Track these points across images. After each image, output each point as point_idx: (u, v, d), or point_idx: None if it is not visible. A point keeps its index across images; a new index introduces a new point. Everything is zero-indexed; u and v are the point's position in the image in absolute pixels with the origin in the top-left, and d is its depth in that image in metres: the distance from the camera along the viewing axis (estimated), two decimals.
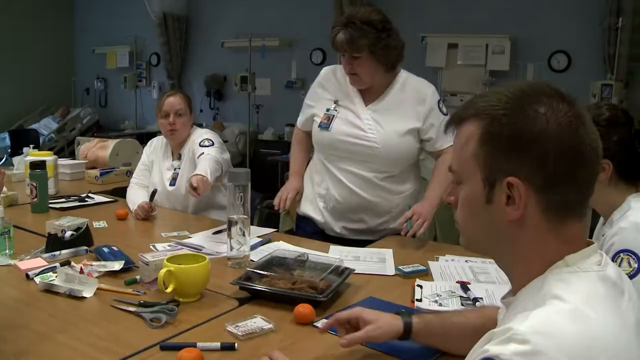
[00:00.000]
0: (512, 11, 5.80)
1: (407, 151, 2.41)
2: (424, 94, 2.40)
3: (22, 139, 7.39)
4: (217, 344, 1.38)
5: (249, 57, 7.05)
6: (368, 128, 2.37)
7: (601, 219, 1.72)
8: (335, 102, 2.44)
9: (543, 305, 0.85)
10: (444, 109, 2.41)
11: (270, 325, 1.50)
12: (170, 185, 2.93)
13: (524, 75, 5.67)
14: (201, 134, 2.91)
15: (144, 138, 5.34)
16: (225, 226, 2.39)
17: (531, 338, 0.79)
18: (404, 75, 2.45)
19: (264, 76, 7.35)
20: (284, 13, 7.26)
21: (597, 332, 0.82)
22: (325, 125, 2.41)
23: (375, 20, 2.26)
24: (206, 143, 2.77)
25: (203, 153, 2.67)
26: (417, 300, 1.71)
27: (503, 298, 1.05)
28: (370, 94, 2.41)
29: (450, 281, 1.88)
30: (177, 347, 1.33)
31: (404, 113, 2.38)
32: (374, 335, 1.33)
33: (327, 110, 2.43)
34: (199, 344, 1.36)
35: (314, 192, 2.53)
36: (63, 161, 3.81)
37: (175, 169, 2.94)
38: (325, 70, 2.55)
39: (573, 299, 0.85)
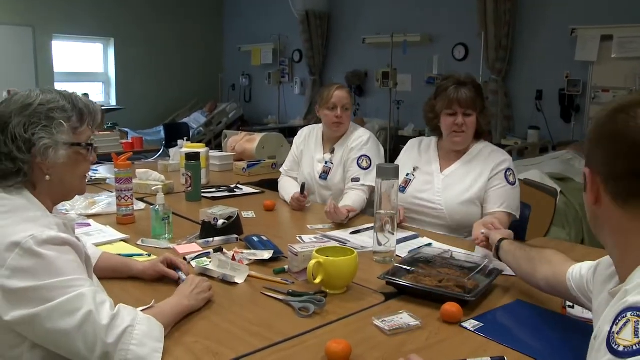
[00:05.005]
0: None
1: (471, 219, 2.33)
2: (496, 160, 2.45)
3: (174, 132, 7.90)
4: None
5: (390, 53, 7.04)
6: (437, 191, 2.49)
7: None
8: (415, 168, 2.60)
9: None
10: (511, 179, 2.41)
11: (417, 322, 1.49)
12: (321, 178, 2.98)
13: None
14: (359, 137, 2.97)
15: (286, 132, 5.51)
16: (363, 227, 2.42)
17: None
18: (482, 144, 2.54)
19: (405, 72, 7.31)
20: (426, 8, 7.17)
21: None
22: (402, 189, 2.55)
23: (479, 86, 2.49)
24: (364, 165, 2.86)
25: (359, 179, 2.81)
26: (569, 306, 1.62)
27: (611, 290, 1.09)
28: (448, 160, 2.55)
29: None
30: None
31: (473, 179, 2.45)
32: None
33: (407, 175, 2.60)
34: None
35: None
36: (213, 153, 4.01)
37: (326, 162, 2.98)
38: (410, 141, 2.77)
39: None
